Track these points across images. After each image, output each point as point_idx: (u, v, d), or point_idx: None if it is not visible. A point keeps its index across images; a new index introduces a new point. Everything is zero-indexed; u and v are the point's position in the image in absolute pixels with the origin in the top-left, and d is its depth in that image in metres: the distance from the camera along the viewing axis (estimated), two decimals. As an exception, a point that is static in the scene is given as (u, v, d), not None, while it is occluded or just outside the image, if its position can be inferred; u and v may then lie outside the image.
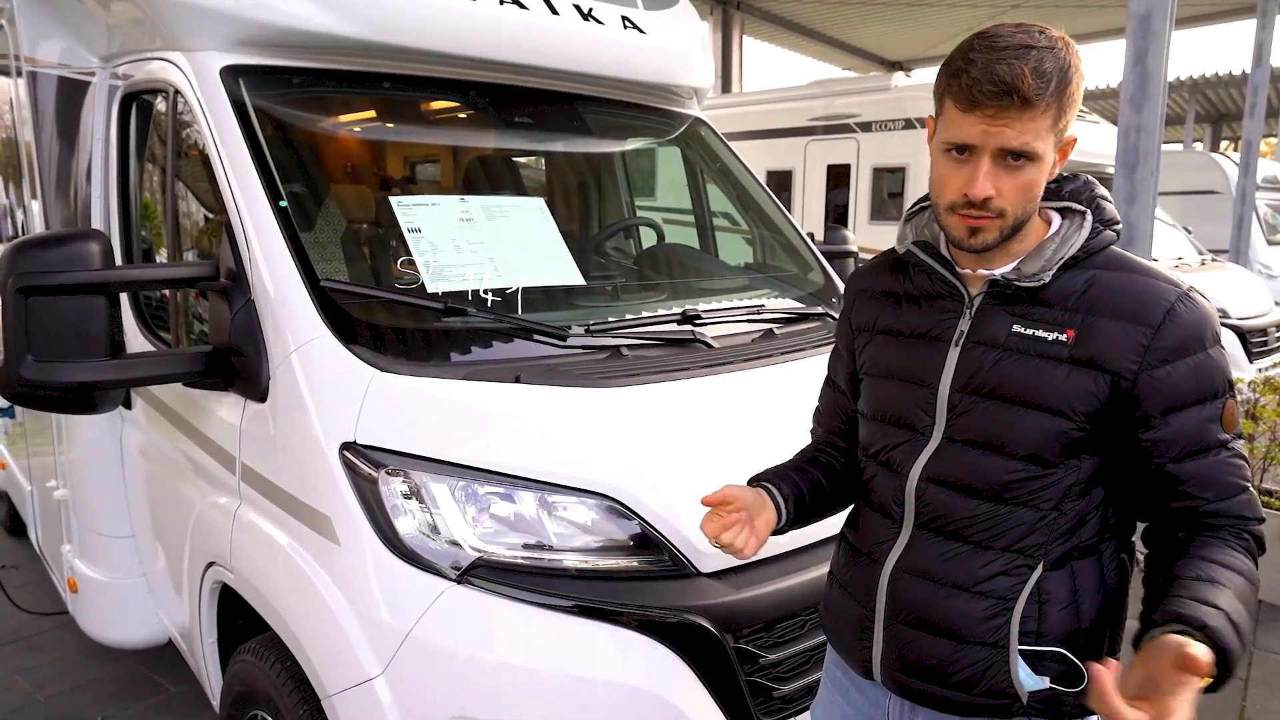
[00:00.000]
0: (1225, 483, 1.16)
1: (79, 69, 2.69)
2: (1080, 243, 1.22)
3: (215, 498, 2.19)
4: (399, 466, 1.75)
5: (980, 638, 1.23)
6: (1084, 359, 1.16)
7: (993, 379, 1.21)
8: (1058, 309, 1.20)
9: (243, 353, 1.97)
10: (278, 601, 1.87)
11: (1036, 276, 1.21)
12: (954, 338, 1.26)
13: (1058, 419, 1.17)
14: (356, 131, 2.65)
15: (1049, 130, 1.13)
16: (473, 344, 2.06)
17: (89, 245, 1.84)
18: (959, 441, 1.24)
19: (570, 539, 1.76)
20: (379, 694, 1.65)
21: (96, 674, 3.43)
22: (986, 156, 1.14)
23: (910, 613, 1.28)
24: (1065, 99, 1.13)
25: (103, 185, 2.68)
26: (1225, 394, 1.17)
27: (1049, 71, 1.10)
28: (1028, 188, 1.16)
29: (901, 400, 1.31)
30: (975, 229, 1.18)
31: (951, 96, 1.15)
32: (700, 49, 3.20)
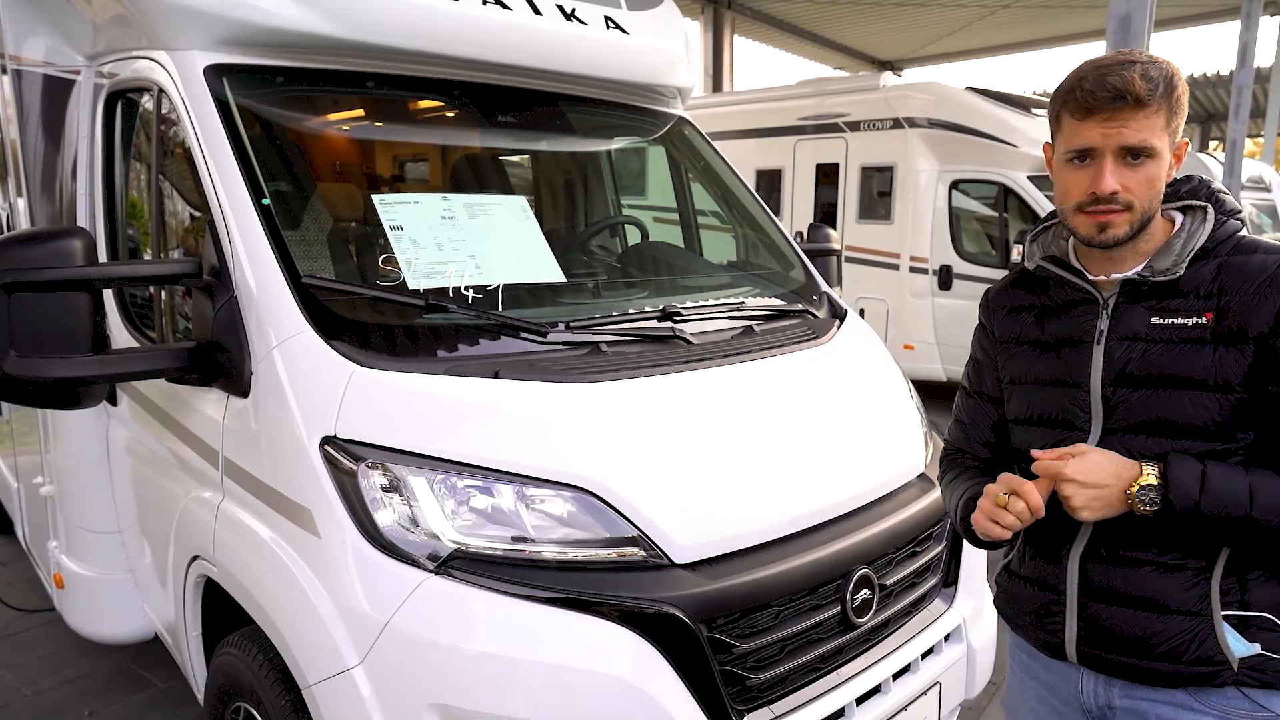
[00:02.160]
0: None
1: (64, 67, 2.71)
2: (1207, 234, 1.31)
3: (199, 492, 2.21)
4: (378, 460, 1.78)
5: (1183, 606, 1.27)
6: (1226, 335, 1.24)
7: (1143, 368, 1.30)
8: (1192, 297, 1.29)
9: (225, 349, 2.00)
10: (259, 594, 1.89)
11: (1170, 270, 1.30)
12: (1095, 337, 1.35)
13: (1213, 393, 1.25)
14: (340, 130, 2.68)
15: (1163, 129, 1.25)
16: (453, 340, 2.09)
17: (72, 242, 1.86)
18: (1121, 431, 1.31)
19: (547, 531, 1.79)
20: (358, 683, 1.68)
21: (84, 669, 3.45)
22: (1108, 156, 1.25)
23: (1106, 590, 1.33)
24: (1174, 102, 1.25)
25: (88, 183, 2.70)
26: None
27: (1155, 77, 1.23)
28: (1151, 182, 1.26)
29: (1056, 401, 1.39)
30: (1105, 224, 1.28)
31: (1068, 110, 1.28)
32: (684, 49, 3.23)
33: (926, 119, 7.63)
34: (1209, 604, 1.26)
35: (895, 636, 2.16)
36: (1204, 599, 1.27)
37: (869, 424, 2.41)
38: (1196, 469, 1.23)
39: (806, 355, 2.49)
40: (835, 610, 1.97)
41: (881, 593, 2.08)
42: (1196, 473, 1.22)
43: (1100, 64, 1.27)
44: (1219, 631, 1.26)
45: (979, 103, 7.44)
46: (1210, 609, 1.26)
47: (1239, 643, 1.25)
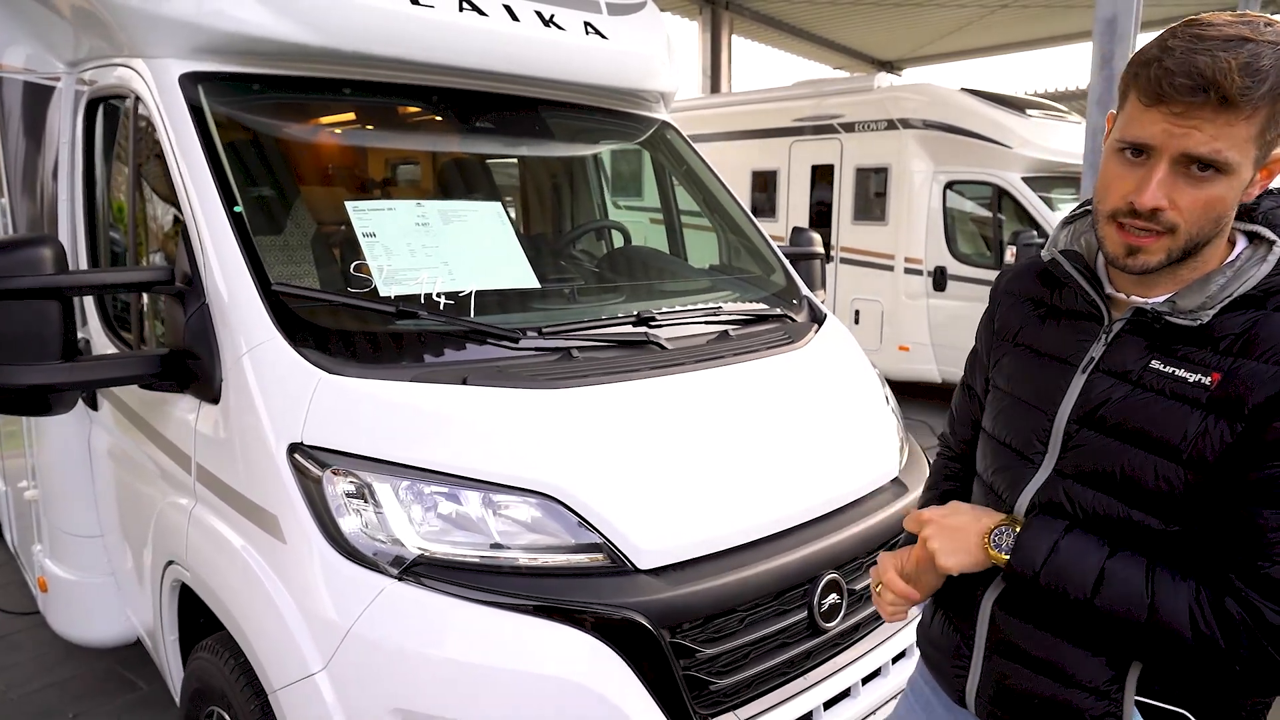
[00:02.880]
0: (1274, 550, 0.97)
1: (45, 74, 2.73)
2: (1259, 279, 1.03)
3: (174, 498, 2.23)
4: (344, 466, 1.79)
5: (1089, 681, 1.10)
6: (1223, 406, 1.00)
7: (1117, 414, 1.07)
8: (1208, 350, 1.03)
9: (196, 355, 2.01)
10: (228, 598, 1.91)
11: (1194, 314, 1.03)
12: (1081, 363, 1.13)
13: (1183, 468, 1.02)
14: (316, 137, 2.69)
15: (1250, 140, 0.95)
16: (423, 347, 2.10)
17: (41, 250, 1.88)
18: (1069, 476, 1.12)
19: (512, 537, 1.80)
20: (321, 689, 1.69)
21: (71, 672, 3.47)
22: (1165, 161, 0.98)
23: (1012, 647, 1.18)
24: (1265, 107, 0.94)
25: (69, 188, 2.72)
26: None
27: (1264, 70, 0.92)
28: (1211, 205, 0.99)
29: (1020, 423, 1.21)
30: (1136, 248, 1.02)
31: (1137, 88, 0.99)
32: (665, 53, 3.24)
33: (921, 120, 7.63)
34: (1121, 685, 1.08)
35: (865, 641, 2.16)
36: (1117, 680, 1.08)
37: (842, 428, 2.42)
38: (1052, 534, 1.07)
39: (781, 360, 2.50)
40: (803, 615, 1.98)
41: (851, 597, 2.09)
42: (1049, 538, 1.07)
43: (1200, 33, 0.95)
44: (1125, 716, 1.07)
45: (973, 104, 7.44)
46: (1122, 692, 1.07)
47: None
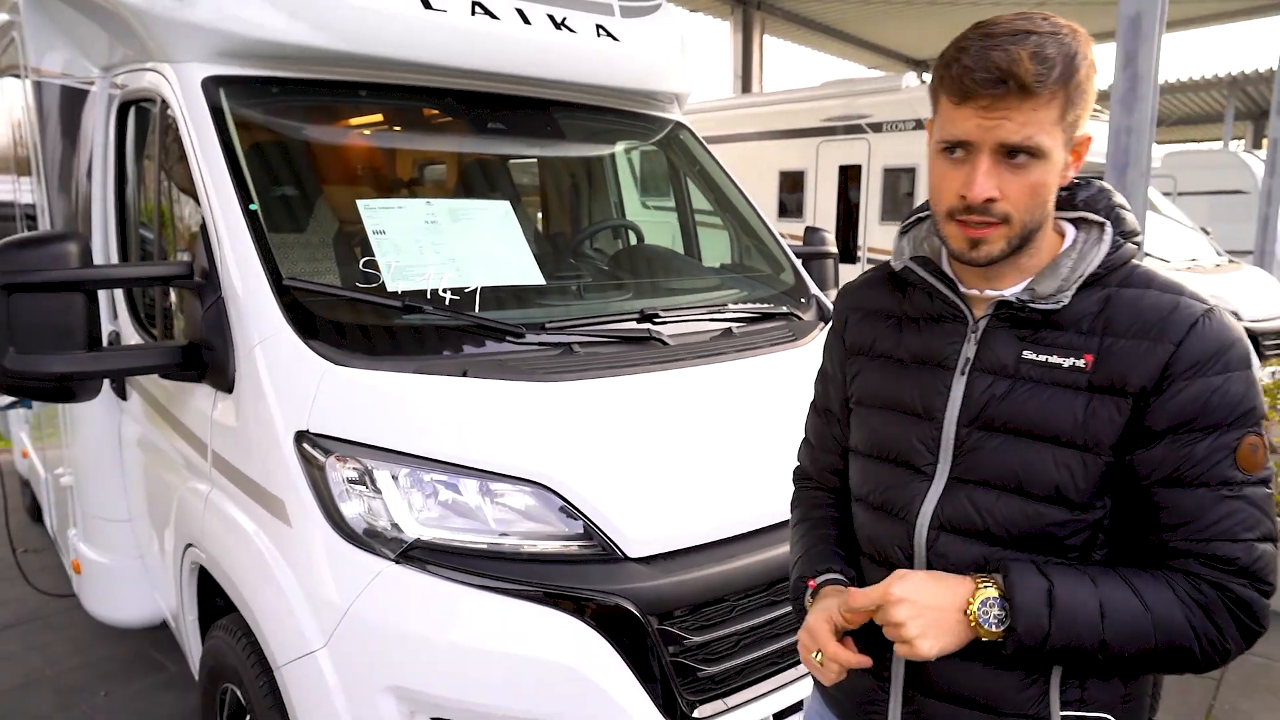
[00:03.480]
0: (1215, 523, 1.00)
1: (81, 78, 2.85)
2: (1101, 258, 1.09)
3: (192, 483, 2.33)
4: (347, 454, 1.86)
5: (1018, 709, 1.10)
6: (1105, 385, 1.04)
7: (1005, 412, 1.08)
8: (1072, 332, 1.07)
9: (213, 346, 2.10)
10: (239, 579, 2.00)
11: (1054, 298, 1.08)
12: (959, 365, 1.13)
13: (1081, 453, 1.05)
14: (331, 138, 2.78)
15: (1055, 124, 1.01)
16: (428, 340, 2.17)
17: (68, 245, 1.99)
18: (970, 482, 1.11)
19: (507, 525, 1.86)
20: (321, 665, 1.77)
21: (104, 652, 3.62)
22: (985, 153, 1.02)
23: (935, 683, 1.14)
24: (1073, 89, 1.00)
25: (101, 186, 2.85)
26: (1243, 426, 1.01)
27: (1051, 57, 0.98)
28: (1035, 189, 1.03)
29: (900, 435, 1.18)
30: (977, 240, 1.05)
31: (945, 90, 1.04)
32: (679, 55, 3.28)
33: (949, 120, 7.57)
34: (1047, 704, 1.09)
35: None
36: (1041, 699, 1.09)
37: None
38: (1041, 584, 1.02)
39: (782, 357, 2.53)
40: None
41: (843, 591, 2.11)
42: (1042, 591, 1.01)
43: (990, 31, 1.01)
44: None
45: (1002, 103, 7.37)
46: (1048, 710, 1.09)
47: None
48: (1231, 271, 7.27)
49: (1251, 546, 1.00)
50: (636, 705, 1.76)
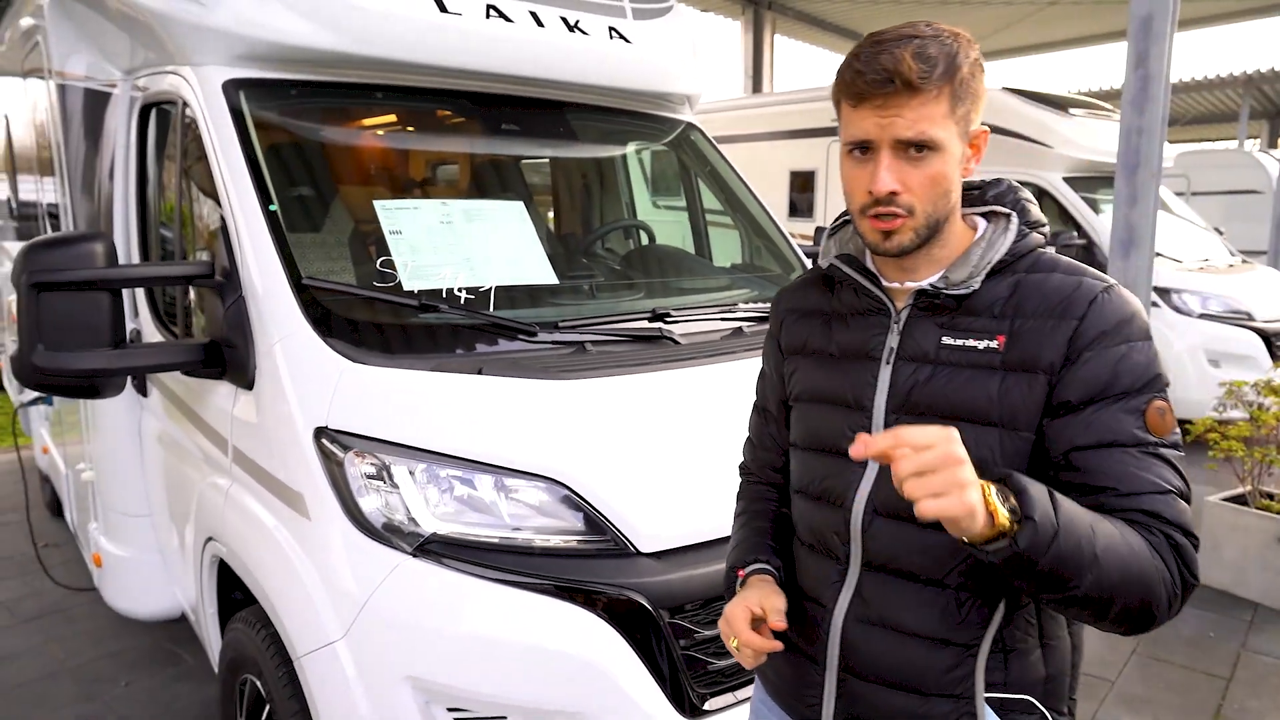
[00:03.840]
0: (1138, 479, 1.05)
1: (103, 81, 2.91)
2: (1007, 246, 1.16)
3: (213, 478, 2.38)
4: (365, 449, 1.91)
5: (946, 689, 1.15)
6: (1017, 364, 1.10)
7: (927, 396, 1.14)
8: (985, 316, 1.14)
9: (233, 344, 2.15)
10: (259, 572, 2.04)
11: (965, 283, 1.15)
12: (884, 355, 1.20)
13: (1000, 431, 1.10)
14: (349, 139, 2.83)
15: (946, 117, 1.08)
16: (443, 339, 2.21)
17: (94, 245, 2.04)
18: None
19: (521, 520, 1.90)
20: (340, 656, 1.81)
21: (123, 644, 3.68)
22: (885, 150, 1.09)
23: (867, 665, 1.20)
24: (958, 85, 1.08)
25: (124, 187, 2.90)
26: (1150, 391, 1.08)
27: (933, 56, 1.07)
28: (935, 180, 1.10)
29: (834, 426, 1.23)
30: (888, 231, 1.13)
31: (843, 94, 1.13)
32: (690, 57, 3.31)
33: (961, 119, 7.56)
34: (972, 685, 1.14)
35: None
36: (968, 679, 1.14)
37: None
38: (1044, 487, 0.99)
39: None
40: (802, 602, 2.04)
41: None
42: (1046, 491, 0.98)
43: (878, 39, 1.10)
44: (978, 713, 1.14)
45: (1014, 103, 7.35)
46: (974, 690, 1.14)
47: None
48: (1245, 272, 7.23)
49: (1171, 500, 1.06)
50: (648, 696, 1.79)
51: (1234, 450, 4.17)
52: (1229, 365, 6.47)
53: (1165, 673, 3.48)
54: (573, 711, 1.78)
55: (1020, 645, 1.16)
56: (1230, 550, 4.22)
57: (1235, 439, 4.18)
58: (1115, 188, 4.39)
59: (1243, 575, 4.18)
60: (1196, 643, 3.74)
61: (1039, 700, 1.15)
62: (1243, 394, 4.42)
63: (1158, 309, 6.59)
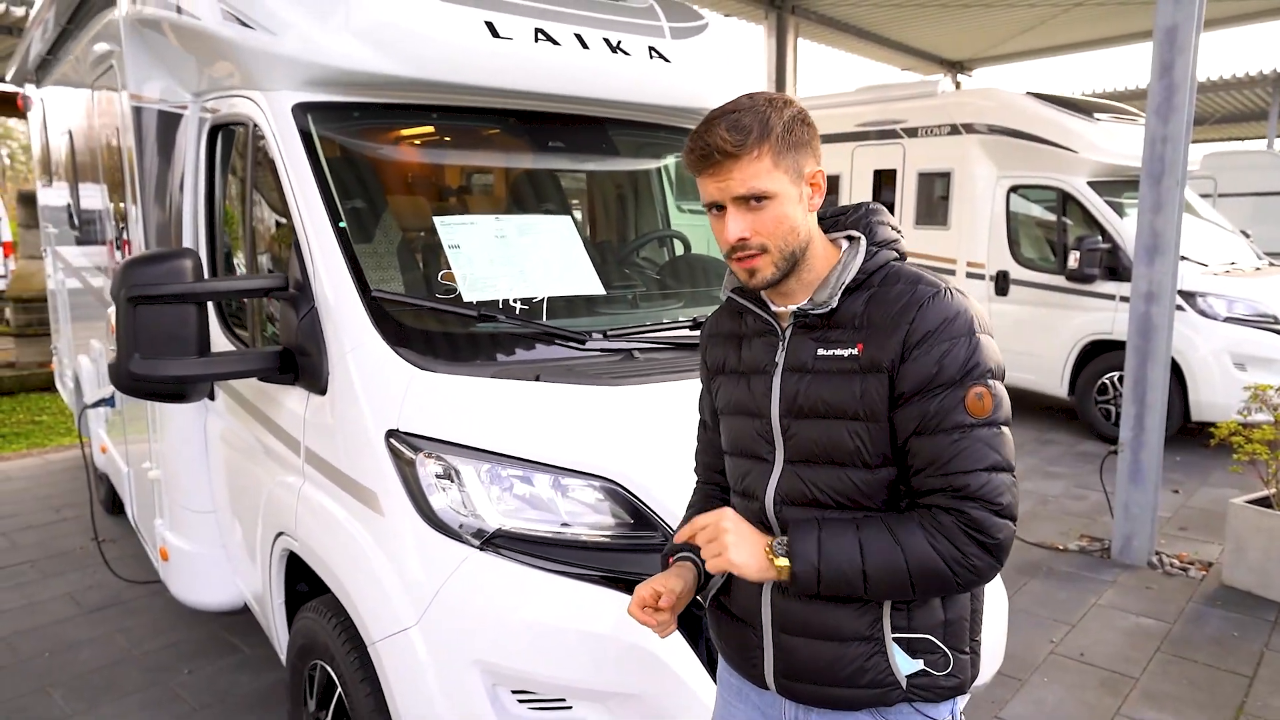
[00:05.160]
0: (952, 458, 1.24)
1: (175, 103, 3.09)
2: (858, 266, 1.34)
3: (284, 477, 2.54)
4: (434, 451, 2.06)
5: (858, 633, 1.34)
6: (870, 366, 1.29)
7: (808, 400, 1.34)
8: (847, 328, 1.32)
9: (307, 353, 2.31)
10: (333, 564, 2.20)
11: (826, 303, 1.33)
12: (774, 369, 1.39)
13: (865, 423, 1.30)
14: (408, 157, 2.99)
15: (770, 171, 1.26)
16: (501, 347, 2.36)
17: (184, 262, 2.20)
18: (796, 461, 1.37)
19: (578, 516, 2.05)
20: (414, 641, 1.96)
21: (183, 635, 3.87)
22: (730, 206, 1.29)
23: (794, 624, 1.39)
24: (774, 142, 1.26)
25: (193, 202, 3.08)
26: (970, 380, 1.25)
27: (746, 125, 1.25)
28: (777, 221, 1.29)
29: (746, 432, 1.44)
30: (751, 270, 1.32)
31: (688, 168, 1.34)
32: (725, 73, 3.43)
33: (985, 125, 7.64)
34: (880, 627, 1.33)
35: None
36: (876, 623, 1.33)
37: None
38: (812, 530, 1.29)
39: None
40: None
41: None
42: (813, 534, 1.28)
43: (707, 119, 1.29)
44: (889, 652, 1.33)
45: (1038, 108, 7.42)
46: (882, 632, 1.33)
47: (905, 661, 1.33)
48: (1272, 275, 7.24)
49: (979, 475, 1.24)
50: (695, 678, 1.93)
51: (1258, 454, 4.24)
52: (1255, 369, 6.49)
53: (1189, 670, 3.57)
54: (628, 694, 1.92)
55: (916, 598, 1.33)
56: (1254, 552, 4.29)
57: (1259, 442, 4.25)
58: (1140, 195, 4.47)
59: (1267, 577, 4.25)
60: (1220, 642, 3.81)
61: (939, 640, 1.35)
62: (1268, 397, 4.48)
63: (1183, 313, 6.63)
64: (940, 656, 1.35)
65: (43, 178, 6.34)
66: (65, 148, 5.05)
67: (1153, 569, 4.63)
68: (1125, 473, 4.69)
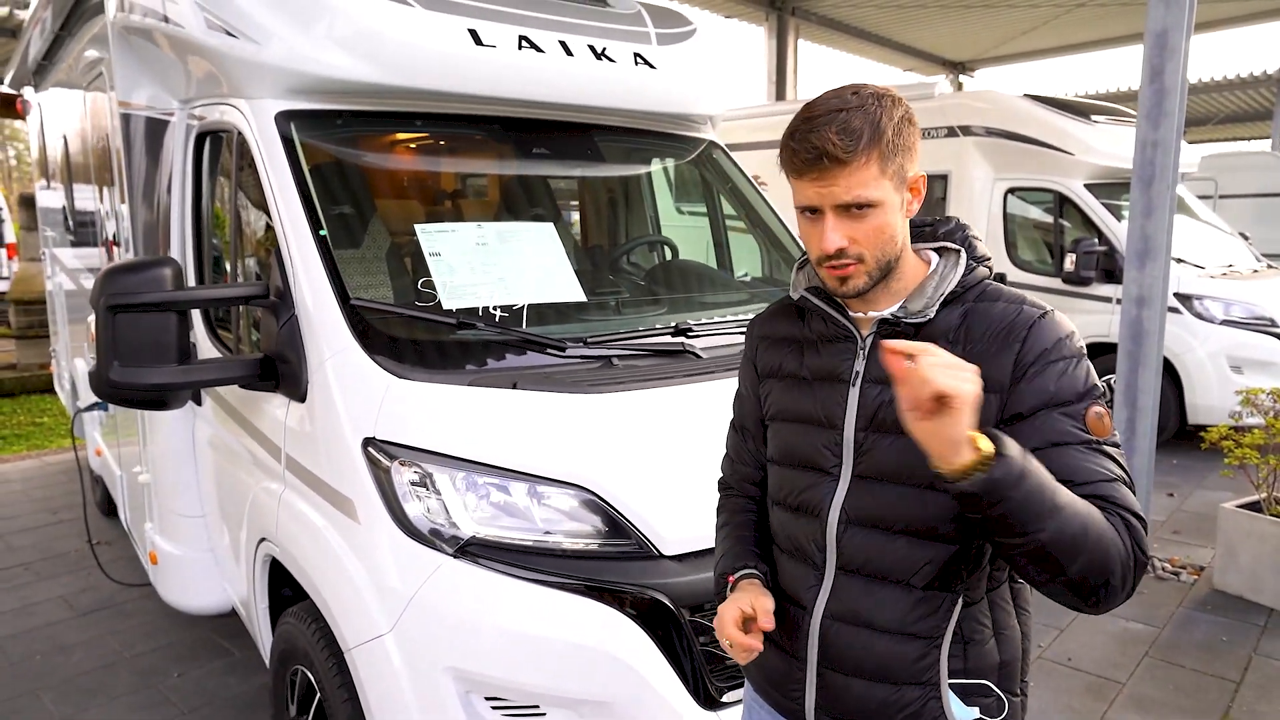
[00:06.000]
0: (1089, 470, 1.17)
1: (162, 110, 3.11)
2: (957, 278, 1.28)
3: (266, 483, 2.56)
4: (409, 459, 2.07)
5: (914, 678, 1.27)
6: None
7: (893, 414, 1.21)
8: (941, 341, 1.23)
9: (287, 360, 2.32)
10: (311, 570, 2.21)
11: (922, 313, 1.27)
12: (851, 378, 1.31)
13: None
14: (391, 164, 3.00)
15: (877, 178, 1.20)
16: (480, 355, 2.37)
17: (164, 270, 2.22)
18: (869, 478, 1.28)
19: (553, 524, 2.06)
20: (388, 647, 1.98)
21: (174, 638, 3.90)
22: (829, 213, 1.22)
23: (844, 660, 1.31)
24: (885, 147, 1.19)
25: (180, 207, 3.10)
26: (1088, 399, 1.21)
27: (856, 129, 1.18)
28: (879, 230, 1.23)
29: (809, 442, 1.35)
30: (843, 278, 1.26)
31: (785, 169, 1.26)
32: (712, 79, 3.44)
33: (983, 127, 7.63)
34: (937, 673, 1.27)
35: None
36: (933, 667, 1.27)
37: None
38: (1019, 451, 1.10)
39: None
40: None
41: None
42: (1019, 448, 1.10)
43: (808, 114, 1.22)
44: (945, 699, 1.27)
45: (1035, 110, 7.41)
46: (939, 678, 1.27)
47: (961, 708, 1.27)
48: (1270, 277, 7.22)
49: (1119, 486, 1.18)
50: (669, 688, 1.94)
51: (1248, 458, 4.23)
52: (1252, 372, 6.48)
53: (1175, 675, 3.56)
54: (600, 701, 1.93)
55: (977, 636, 1.29)
56: (1245, 556, 4.28)
57: (1249, 446, 4.24)
58: (1130, 199, 4.46)
59: (1257, 581, 4.24)
60: (1209, 647, 3.81)
61: (995, 684, 1.29)
62: (1259, 401, 4.47)
63: (1179, 316, 6.61)
64: (995, 701, 1.29)
65: (41, 180, 6.38)
66: (61, 151, 5.08)
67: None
68: (1117, 477, 4.68)
